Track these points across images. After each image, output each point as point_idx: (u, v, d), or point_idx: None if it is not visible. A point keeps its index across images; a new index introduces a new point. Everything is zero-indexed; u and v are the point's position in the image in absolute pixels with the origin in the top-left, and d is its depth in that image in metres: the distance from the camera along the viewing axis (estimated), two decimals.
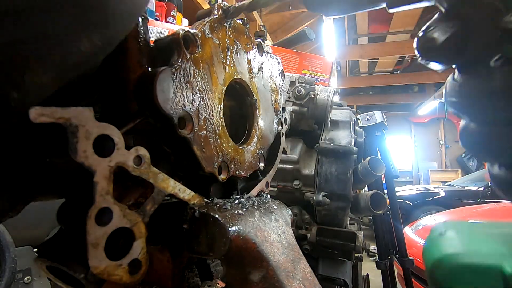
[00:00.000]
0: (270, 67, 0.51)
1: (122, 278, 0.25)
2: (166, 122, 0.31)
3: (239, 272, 0.35)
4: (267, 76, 0.50)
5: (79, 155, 0.23)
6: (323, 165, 0.99)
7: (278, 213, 0.44)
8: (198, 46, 0.35)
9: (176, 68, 0.32)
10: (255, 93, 0.46)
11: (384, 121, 1.48)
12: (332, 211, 0.99)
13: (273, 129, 0.51)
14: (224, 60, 0.40)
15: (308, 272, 0.38)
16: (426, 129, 10.84)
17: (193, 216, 0.34)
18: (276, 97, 0.53)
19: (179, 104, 0.32)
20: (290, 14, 5.33)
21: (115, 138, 0.25)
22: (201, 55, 0.35)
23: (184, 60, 0.33)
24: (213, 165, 0.37)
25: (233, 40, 0.42)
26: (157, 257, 0.37)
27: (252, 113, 0.46)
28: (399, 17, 6.02)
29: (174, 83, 0.31)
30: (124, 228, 0.26)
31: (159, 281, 0.37)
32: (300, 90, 1.00)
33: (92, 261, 0.23)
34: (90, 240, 0.23)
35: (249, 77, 0.45)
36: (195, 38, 0.35)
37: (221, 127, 0.38)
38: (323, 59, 1.39)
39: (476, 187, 5.32)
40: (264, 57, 0.49)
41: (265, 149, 0.49)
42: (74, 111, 0.23)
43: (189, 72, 0.33)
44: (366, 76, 9.18)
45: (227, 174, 0.39)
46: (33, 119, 0.21)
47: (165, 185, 0.30)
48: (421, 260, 2.01)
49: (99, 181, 0.24)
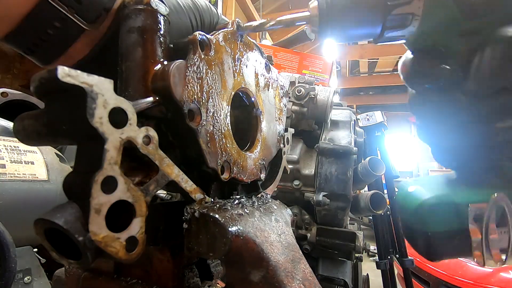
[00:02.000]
0: (276, 86, 0.54)
1: (118, 252, 0.25)
2: (176, 111, 0.33)
3: (239, 272, 0.35)
4: (273, 94, 0.53)
5: (95, 120, 0.24)
6: (323, 165, 0.99)
7: (278, 213, 0.44)
8: (212, 50, 0.38)
9: (191, 63, 0.34)
10: (260, 106, 0.48)
11: (384, 121, 1.48)
12: (332, 211, 0.99)
13: (275, 144, 0.53)
14: (234, 68, 0.42)
15: (308, 272, 0.38)
16: None
17: (193, 216, 0.34)
18: (280, 115, 0.55)
19: (190, 96, 0.34)
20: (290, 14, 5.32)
21: (129, 113, 0.27)
22: (214, 58, 0.38)
23: (199, 58, 0.35)
24: (216, 162, 0.37)
25: (243, 53, 0.45)
26: (157, 257, 0.38)
27: (256, 124, 0.48)
28: None
29: (188, 75, 0.34)
30: (126, 204, 0.27)
31: (159, 281, 0.37)
32: (300, 90, 1.00)
33: (92, 226, 0.24)
34: (94, 204, 0.24)
35: (255, 90, 0.47)
36: (210, 42, 0.38)
37: (227, 128, 0.40)
38: (323, 59, 1.39)
39: None
40: (271, 75, 0.52)
41: (267, 161, 0.50)
42: (97, 80, 0.25)
43: (202, 70, 0.36)
44: (366, 76, 9.17)
45: (229, 175, 0.39)
46: (60, 77, 0.23)
47: (169, 170, 0.31)
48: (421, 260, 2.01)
49: (109, 149, 0.25)
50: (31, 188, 0.70)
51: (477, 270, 2.25)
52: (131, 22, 0.34)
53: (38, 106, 1.08)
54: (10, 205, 0.65)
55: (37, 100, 1.09)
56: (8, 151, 0.69)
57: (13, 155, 0.70)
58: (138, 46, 0.33)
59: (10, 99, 1.04)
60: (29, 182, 0.70)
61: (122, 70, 0.33)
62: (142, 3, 0.34)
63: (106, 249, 0.24)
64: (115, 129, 0.26)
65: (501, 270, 2.17)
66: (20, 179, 0.69)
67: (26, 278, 0.65)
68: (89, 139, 0.26)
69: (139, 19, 0.34)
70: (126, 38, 0.34)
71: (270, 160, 0.51)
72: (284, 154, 0.56)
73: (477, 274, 2.22)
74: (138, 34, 0.33)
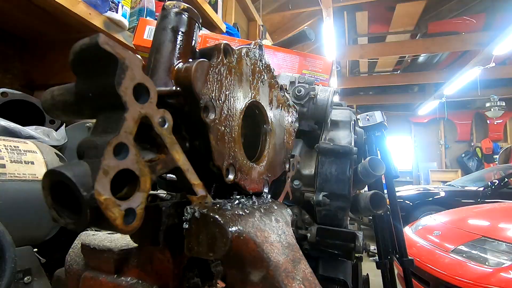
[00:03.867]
0: (288, 110, 0.57)
1: (116, 219, 0.25)
2: (194, 103, 0.35)
3: (239, 272, 0.35)
4: (284, 116, 0.55)
5: (121, 89, 0.26)
6: (323, 165, 0.99)
7: (278, 213, 0.44)
8: (234, 59, 0.41)
9: (213, 65, 0.37)
10: (270, 124, 0.50)
11: (384, 121, 1.47)
12: (332, 211, 0.99)
13: (281, 165, 0.54)
14: (251, 81, 0.45)
15: (308, 272, 0.38)
16: (426, 129, 10.84)
17: (193, 216, 0.34)
18: (289, 138, 0.56)
19: (208, 93, 0.36)
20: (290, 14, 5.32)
21: (151, 92, 0.29)
22: (235, 66, 0.41)
23: (221, 63, 0.38)
24: (223, 161, 0.38)
25: (262, 71, 0.48)
26: (157, 257, 0.38)
27: (265, 140, 0.50)
28: (399, 17, 6.02)
29: (209, 74, 0.36)
30: (131, 176, 0.27)
31: (159, 281, 0.37)
32: (300, 90, 1.00)
33: (98, 185, 0.24)
34: (104, 165, 0.25)
35: (268, 107, 0.50)
36: (233, 52, 0.40)
37: (237, 134, 0.41)
38: (323, 59, 1.39)
39: (476, 187, 5.32)
40: (284, 98, 0.55)
41: (271, 178, 0.50)
42: (130, 54, 0.27)
43: (222, 74, 0.38)
44: (366, 76, 9.17)
45: (234, 178, 0.40)
46: (101, 43, 0.25)
47: (178, 156, 0.33)
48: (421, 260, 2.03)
49: (127, 119, 0.27)
50: (31, 188, 0.70)
51: (477, 270, 2.25)
52: (166, 22, 0.38)
53: (38, 106, 1.08)
54: (10, 205, 0.65)
55: (37, 100, 1.09)
56: (8, 151, 0.69)
57: (13, 155, 0.70)
58: (169, 42, 0.37)
59: (10, 99, 1.03)
60: (29, 182, 0.70)
61: (151, 61, 0.37)
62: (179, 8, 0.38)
63: (105, 212, 0.25)
64: (137, 103, 0.28)
65: (501, 270, 2.16)
66: (20, 179, 0.69)
67: (26, 278, 0.65)
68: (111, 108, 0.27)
69: (174, 20, 0.38)
70: (160, 35, 0.38)
71: (274, 180, 0.51)
72: (288, 179, 0.56)
73: (477, 274, 2.22)
74: (171, 32, 0.37)
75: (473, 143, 10.32)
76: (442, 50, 6.62)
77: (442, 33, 6.26)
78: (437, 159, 10.64)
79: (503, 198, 4.61)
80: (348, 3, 5.00)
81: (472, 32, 6.06)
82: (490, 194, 4.99)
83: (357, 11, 5.94)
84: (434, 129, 10.74)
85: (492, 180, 5.24)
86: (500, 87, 8.58)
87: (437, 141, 10.74)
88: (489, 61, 5.79)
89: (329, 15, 4.35)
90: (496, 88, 8.50)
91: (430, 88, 9.12)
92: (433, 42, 6.22)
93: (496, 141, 9.91)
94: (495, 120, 8.98)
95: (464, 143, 10.49)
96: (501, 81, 8.33)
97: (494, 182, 5.10)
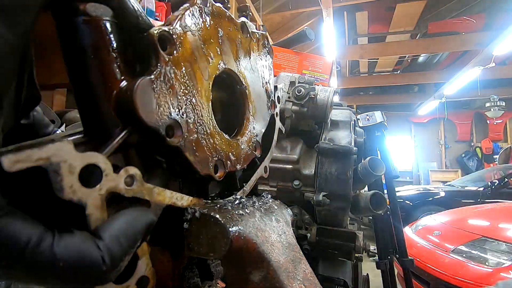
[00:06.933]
0: (256, 46, 0.48)
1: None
2: (153, 135, 0.29)
3: (239, 272, 0.35)
4: (255, 57, 0.48)
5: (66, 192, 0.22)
6: (323, 165, 0.99)
7: (279, 213, 0.44)
8: (177, 45, 0.32)
9: (156, 75, 0.29)
10: (243, 79, 0.44)
11: (384, 121, 1.47)
12: (332, 211, 0.99)
13: (266, 113, 0.50)
14: (207, 52, 0.37)
15: (308, 272, 0.38)
16: (426, 129, 10.84)
17: (194, 216, 0.34)
18: (268, 76, 0.51)
19: (164, 114, 0.30)
20: (290, 14, 5.33)
21: (101, 165, 0.24)
22: (181, 53, 0.32)
23: (163, 63, 0.30)
24: (208, 166, 0.36)
25: (215, 29, 0.38)
26: (157, 257, 0.37)
27: (243, 102, 0.45)
28: (399, 17, 6.03)
29: (156, 92, 0.29)
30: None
31: (159, 281, 0.37)
32: (300, 90, 1.00)
33: None
34: None
35: (236, 64, 0.43)
36: (172, 36, 0.31)
37: (212, 126, 0.37)
38: (323, 59, 1.39)
39: (476, 187, 5.32)
40: (248, 35, 0.46)
41: (260, 135, 0.48)
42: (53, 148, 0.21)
43: (170, 76, 0.31)
44: (366, 76, 9.17)
45: (224, 172, 0.39)
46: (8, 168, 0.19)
47: (161, 198, 0.30)
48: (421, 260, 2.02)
49: (92, 213, 0.24)
50: None
51: (477, 270, 2.25)
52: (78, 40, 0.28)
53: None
54: None
55: None
56: None
57: None
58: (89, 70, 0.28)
59: None
60: None
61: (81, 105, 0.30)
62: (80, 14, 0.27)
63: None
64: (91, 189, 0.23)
65: (501, 270, 2.17)
66: None
67: None
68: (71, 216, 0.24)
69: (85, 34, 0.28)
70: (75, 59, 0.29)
71: (264, 131, 0.50)
72: (277, 116, 0.53)
73: (477, 274, 2.22)
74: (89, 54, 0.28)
75: (473, 143, 10.33)
76: (442, 50, 6.62)
77: (442, 33, 6.27)
78: (437, 159, 10.64)
79: (503, 198, 4.62)
80: (348, 3, 5.00)
81: (472, 32, 6.07)
82: (490, 194, 5.00)
83: (357, 11, 5.94)
84: (434, 129, 10.74)
85: (492, 180, 5.25)
86: (500, 87, 8.59)
87: (437, 141, 10.74)
88: (489, 61, 5.79)
89: (329, 15, 4.35)
90: (496, 88, 8.52)
91: (430, 88, 9.12)
92: (433, 42, 6.23)
93: (496, 141, 9.92)
94: (495, 120, 8.99)
95: (464, 143, 10.50)
96: (501, 81, 8.33)
97: (494, 182, 5.11)
